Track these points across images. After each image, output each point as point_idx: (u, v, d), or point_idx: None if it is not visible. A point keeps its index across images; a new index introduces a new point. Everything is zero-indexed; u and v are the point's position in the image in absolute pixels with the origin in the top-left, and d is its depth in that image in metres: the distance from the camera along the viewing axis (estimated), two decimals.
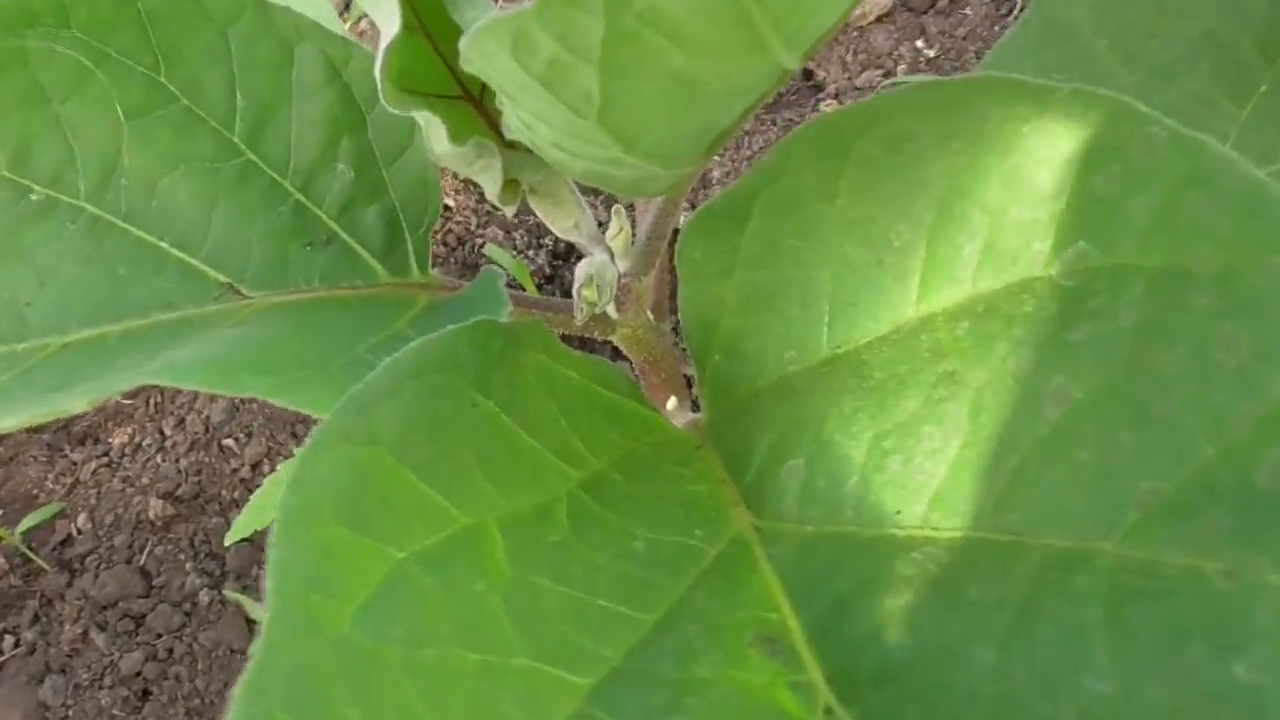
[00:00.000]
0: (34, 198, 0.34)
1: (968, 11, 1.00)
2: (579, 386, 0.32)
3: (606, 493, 0.30)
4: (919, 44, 0.99)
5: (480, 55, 0.25)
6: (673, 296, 0.52)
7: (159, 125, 0.34)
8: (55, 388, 0.30)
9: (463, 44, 0.24)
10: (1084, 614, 0.20)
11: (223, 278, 0.35)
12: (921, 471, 0.25)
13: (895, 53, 1.00)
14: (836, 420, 0.28)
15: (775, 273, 0.31)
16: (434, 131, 0.32)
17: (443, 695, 0.22)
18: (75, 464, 0.93)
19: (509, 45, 0.24)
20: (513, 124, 0.30)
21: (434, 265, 0.43)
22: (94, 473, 0.92)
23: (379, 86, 0.30)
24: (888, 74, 0.99)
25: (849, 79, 1.00)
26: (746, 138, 0.99)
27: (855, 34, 1.04)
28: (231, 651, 0.81)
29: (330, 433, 0.25)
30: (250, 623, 0.82)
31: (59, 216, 0.34)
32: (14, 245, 0.34)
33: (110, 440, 0.94)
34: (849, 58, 1.02)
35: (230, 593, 0.81)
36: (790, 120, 0.98)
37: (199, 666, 0.82)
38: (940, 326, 0.27)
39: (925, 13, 1.01)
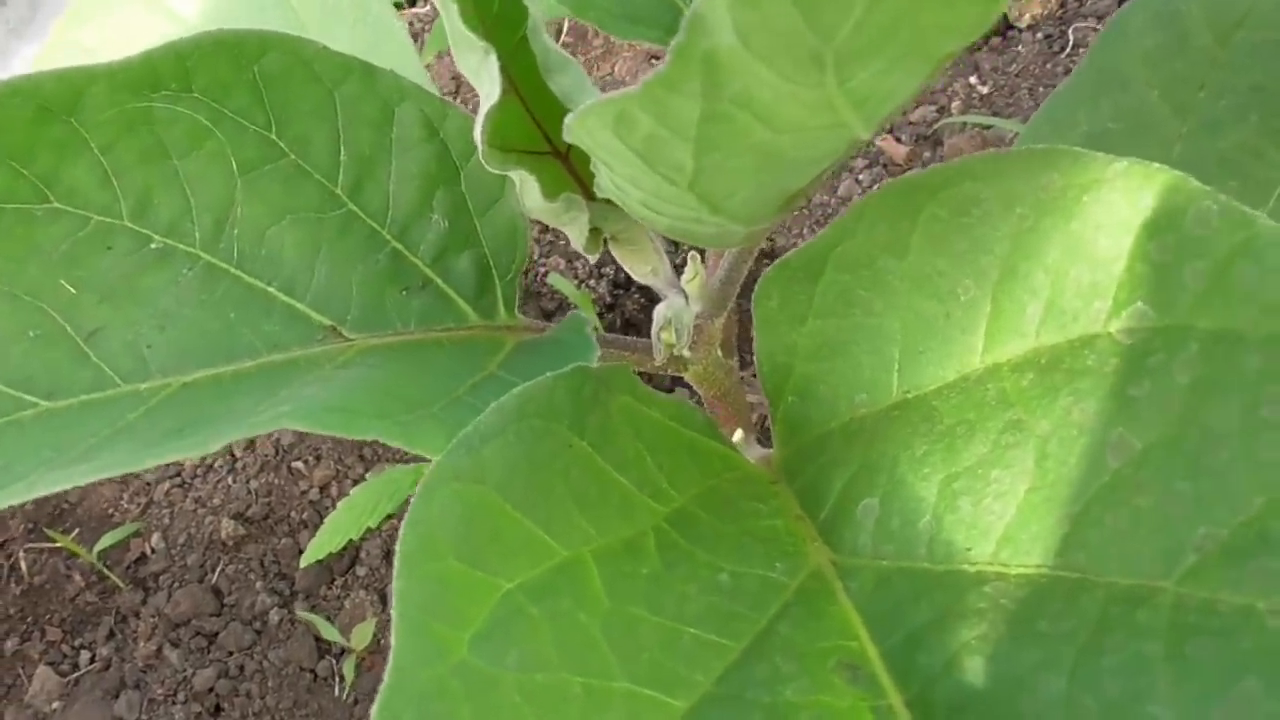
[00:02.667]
0: (153, 246, 0.37)
1: (1020, 49, 1.02)
2: (662, 426, 0.35)
3: (691, 528, 0.32)
4: (972, 80, 1.01)
5: (584, 130, 0.27)
6: (741, 335, 0.54)
7: (269, 179, 0.37)
8: (178, 429, 0.33)
9: (568, 120, 0.27)
10: (1146, 647, 0.22)
11: (326, 320, 0.37)
12: (990, 513, 0.27)
13: (949, 89, 1.02)
14: (908, 462, 0.30)
15: (847, 321, 0.33)
16: (528, 188, 0.34)
17: (554, 717, 0.24)
18: (149, 485, 0.97)
19: (611, 123, 0.26)
20: (604, 185, 0.32)
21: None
22: (167, 493, 0.95)
23: (479, 147, 0.33)
24: (941, 110, 1.01)
25: (905, 114, 1.02)
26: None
27: None
28: (300, 670, 0.84)
29: (441, 473, 0.28)
30: (319, 641, 0.85)
31: (176, 264, 0.37)
32: (135, 291, 0.37)
33: (183, 462, 0.98)
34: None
35: (301, 612, 0.84)
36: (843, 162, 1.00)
37: (269, 684, 0.84)
38: (1006, 376, 0.29)
39: (978, 50, 1.03)
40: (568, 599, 0.27)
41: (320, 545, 0.70)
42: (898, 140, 1.00)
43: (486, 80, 0.32)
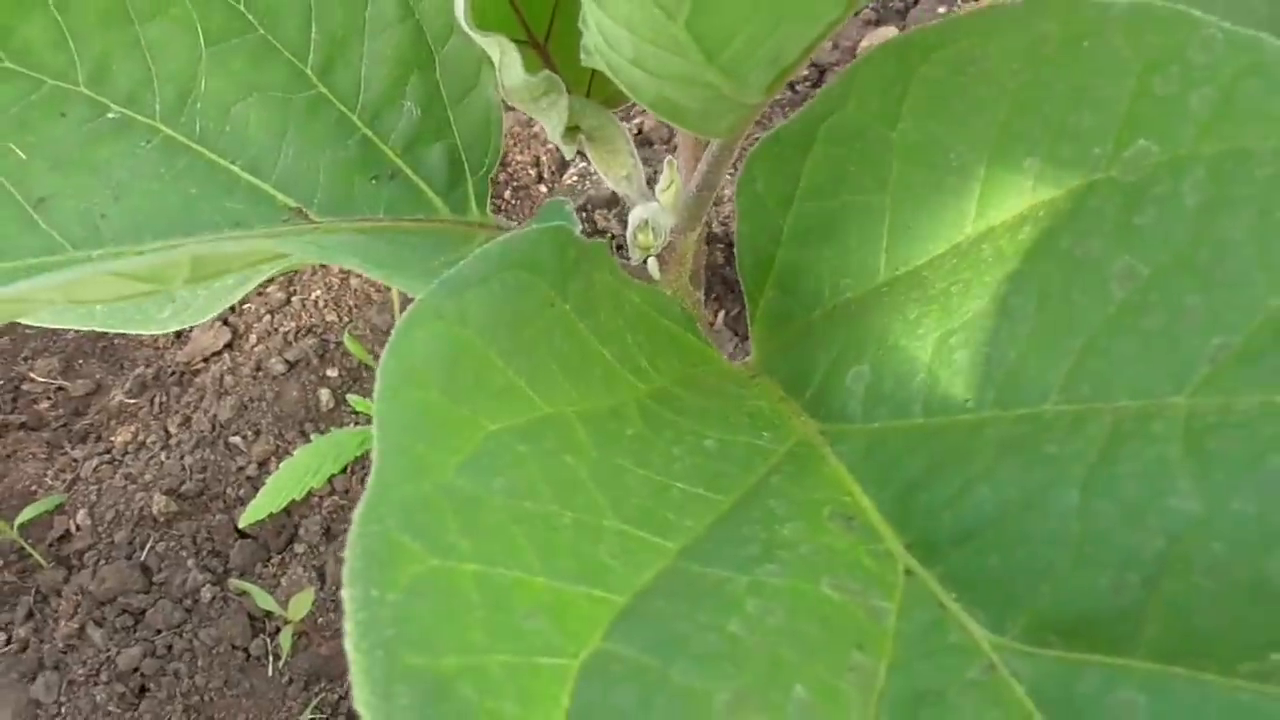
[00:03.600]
0: (111, 116, 0.35)
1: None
2: (642, 309, 0.34)
3: (673, 403, 0.31)
4: None
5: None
6: (708, 269, 0.53)
7: (236, 52, 0.36)
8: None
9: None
10: (1163, 450, 0.21)
11: (292, 202, 0.36)
12: (989, 361, 0.26)
13: None
14: (901, 327, 0.29)
15: (835, 201, 0.33)
16: (508, 62, 0.33)
17: (545, 540, 0.23)
18: (76, 461, 0.93)
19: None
20: (592, 44, 0.31)
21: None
22: (95, 470, 0.92)
23: (460, 13, 0.32)
24: None
25: None
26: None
27: (857, 27, 1.07)
28: (233, 648, 0.81)
29: (423, 311, 0.26)
30: (252, 619, 0.82)
31: (134, 135, 0.35)
32: (89, 160, 0.35)
33: (113, 439, 0.94)
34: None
35: (236, 581, 0.81)
36: None
37: (199, 663, 0.81)
38: (1001, 235, 0.28)
39: (911, 8, 1.05)
40: (554, 444, 0.26)
41: (260, 506, 0.68)
42: None
43: None
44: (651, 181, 0.42)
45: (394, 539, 0.21)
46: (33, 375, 0.99)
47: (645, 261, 0.43)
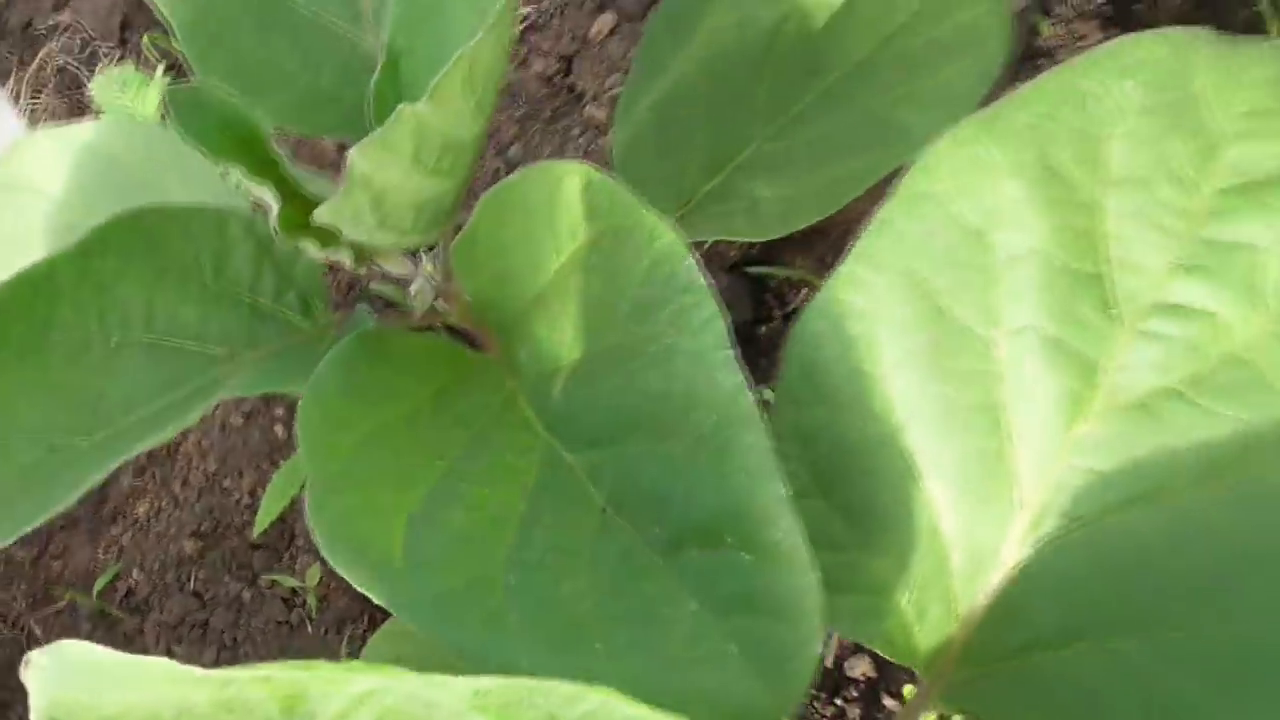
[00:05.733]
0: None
1: None
2: (425, 345, 0.64)
3: (447, 396, 0.61)
4: None
5: (324, 218, 0.56)
6: None
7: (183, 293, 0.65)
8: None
9: (317, 216, 0.55)
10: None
11: (224, 351, 0.66)
12: (575, 333, 0.57)
13: (628, 55, 1.32)
14: (543, 321, 0.59)
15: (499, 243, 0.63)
16: (309, 248, 0.63)
17: (390, 470, 0.53)
18: (115, 536, 1.23)
19: (341, 218, 0.55)
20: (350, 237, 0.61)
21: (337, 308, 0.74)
22: (132, 538, 1.22)
23: (274, 233, 0.61)
24: (626, 73, 1.31)
25: (600, 84, 1.31)
26: (537, 146, 1.31)
27: (595, 49, 1.35)
28: (279, 624, 1.12)
29: (311, 391, 0.56)
30: (284, 600, 1.13)
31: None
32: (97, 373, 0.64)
33: (136, 513, 1.24)
34: (597, 68, 1.34)
35: (265, 577, 1.12)
36: (566, 127, 1.30)
37: (257, 642, 1.12)
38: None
39: (643, 19, 1.33)
40: (390, 430, 0.56)
41: (262, 521, 0.98)
42: (598, 105, 1.30)
43: (269, 197, 0.61)
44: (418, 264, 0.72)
45: (320, 499, 0.51)
46: None
47: (435, 303, 0.73)
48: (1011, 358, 0.48)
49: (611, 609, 0.46)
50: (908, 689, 0.97)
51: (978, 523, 0.50)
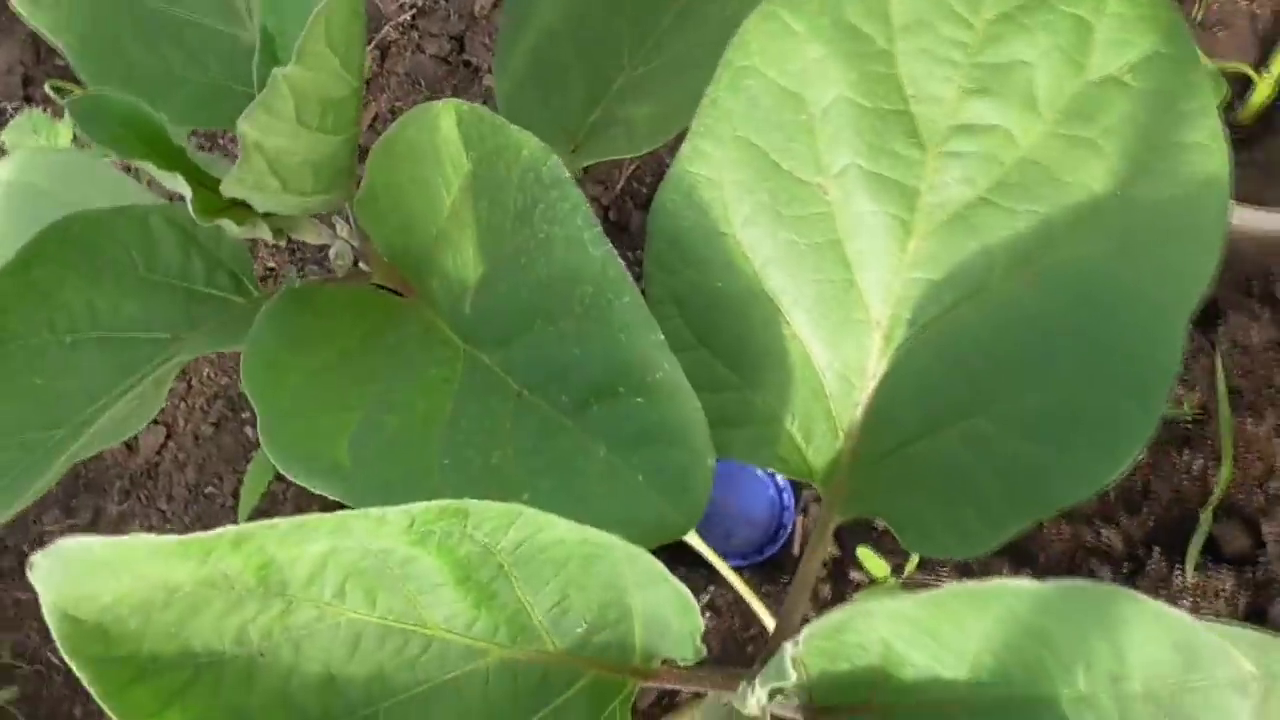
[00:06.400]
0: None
1: None
2: (354, 294, 0.70)
3: (377, 335, 0.68)
4: None
5: (231, 189, 0.62)
6: None
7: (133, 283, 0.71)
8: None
9: (224, 187, 0.62)
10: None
11: (168, 335, 0.72)
12: (469, 255, 0.64)
13: None
14: (449, 256, 0.66)
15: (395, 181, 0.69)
16: (228, 226, 0.69)
17: (331, 399, 0.60)
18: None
19: (246, 185, 0.61)
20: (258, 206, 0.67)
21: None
22: None
23: (195, 216, 0.68)
24: None
25: (493, 55, 1.38)
26: None
27: (483, 23, 1.41)
28: None
29: (249, 351, 0.63)
30: None
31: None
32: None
33: (133, 530, 1.30)
34: (487, 41, 1.40)
35: None
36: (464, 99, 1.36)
37: None
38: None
39: None
40: (323, 370, 0.63)
41: (245, 507, 1.05)
42: None
43: (181, 186, 0.67)
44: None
45: (271, 431, 0.58)
46: (47, 527, 1.34)
47: (356, 265, 0.79)
48: (840, 197, 0.56)
49: (534, 466, 0.53)
50: (864, 553, 1.05)
51: (841, 346, 0.57)
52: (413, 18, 1.37)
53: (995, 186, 0.54)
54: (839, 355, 0.57)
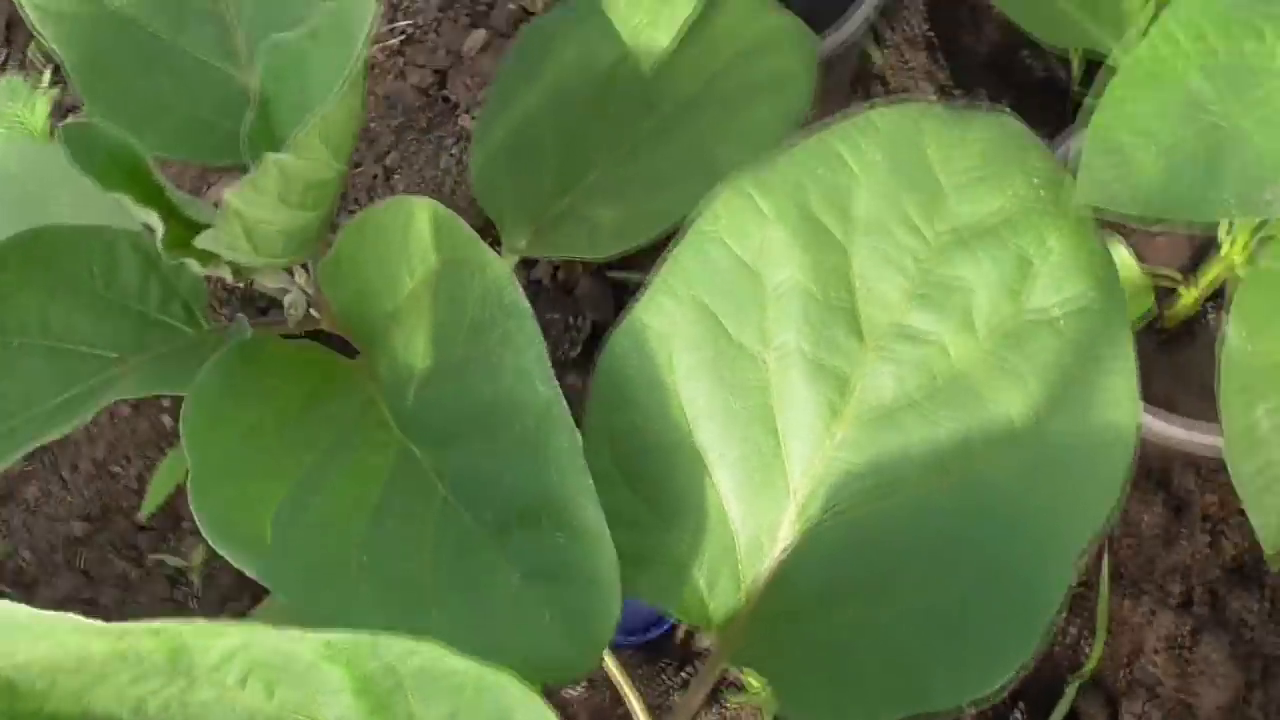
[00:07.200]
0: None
1: None
2: (296, 352, 0.72)
3: (317, 400, 0.70)
4: None
5: (205, 244, 0.64)
6: None
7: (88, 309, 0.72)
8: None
9: (198, 241, 0.63)
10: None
11: (117, 355, 0.73)
12: (419, 346, 0.66)
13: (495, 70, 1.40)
14: (400, 339, 0.68)
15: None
16: (191, 265, 0.71)
17: (262, 464, 0.61)
18: (5, 517, 1.28)
19: (220, 245, 0.63)
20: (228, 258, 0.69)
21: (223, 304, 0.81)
22: (22, 521, 1.27)
23: (162, 251, 0.69)
24: None
25: (473, 96, 1.39)
26: (413, 154, 1.38)
27: (468, 63, 1.43)
28: (162, 600, 1.19)
29: (193, 395, 0.64)
30: (170, 580, 1.20)
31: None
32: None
33: (25, 496, 1.29)
34: (470, 81, 1.42)
35: (151, 558, 1.19)
36: (440, 136, 1.38)
37: (144, 617, 1.19)
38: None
39: (512, 36, 1.41)
40: (258, 428, 0.64)
41: (149, 504, 1.05)
42: (474, 117, 1.38)
43: (154, 221, 0.68)
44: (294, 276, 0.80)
45: (201, 490, 0.59)
46: None
47: (309, 311, 0.81)
48: (779, 371, 0.59)
49: (448, 580, 0.55)
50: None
51: (757, 509, 0.60)
52: (401, 44, 1.38)
53: (924, 393, 0.58)
54: (754, 517, 0.60)
